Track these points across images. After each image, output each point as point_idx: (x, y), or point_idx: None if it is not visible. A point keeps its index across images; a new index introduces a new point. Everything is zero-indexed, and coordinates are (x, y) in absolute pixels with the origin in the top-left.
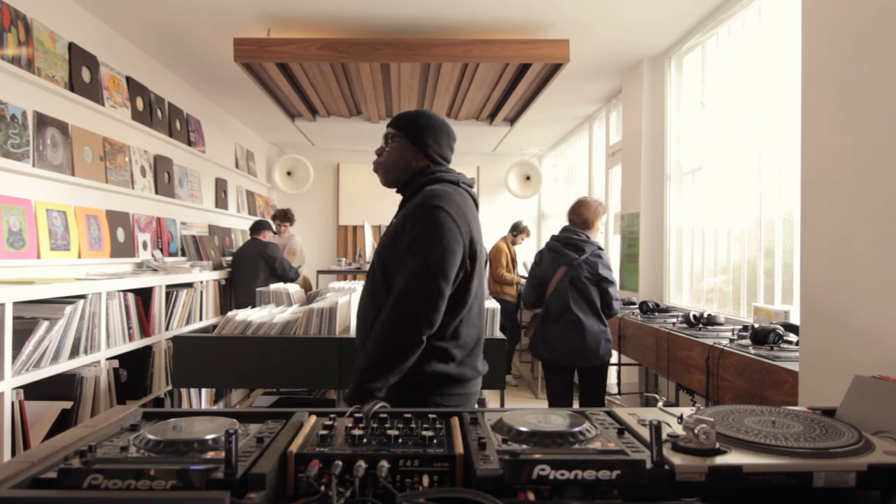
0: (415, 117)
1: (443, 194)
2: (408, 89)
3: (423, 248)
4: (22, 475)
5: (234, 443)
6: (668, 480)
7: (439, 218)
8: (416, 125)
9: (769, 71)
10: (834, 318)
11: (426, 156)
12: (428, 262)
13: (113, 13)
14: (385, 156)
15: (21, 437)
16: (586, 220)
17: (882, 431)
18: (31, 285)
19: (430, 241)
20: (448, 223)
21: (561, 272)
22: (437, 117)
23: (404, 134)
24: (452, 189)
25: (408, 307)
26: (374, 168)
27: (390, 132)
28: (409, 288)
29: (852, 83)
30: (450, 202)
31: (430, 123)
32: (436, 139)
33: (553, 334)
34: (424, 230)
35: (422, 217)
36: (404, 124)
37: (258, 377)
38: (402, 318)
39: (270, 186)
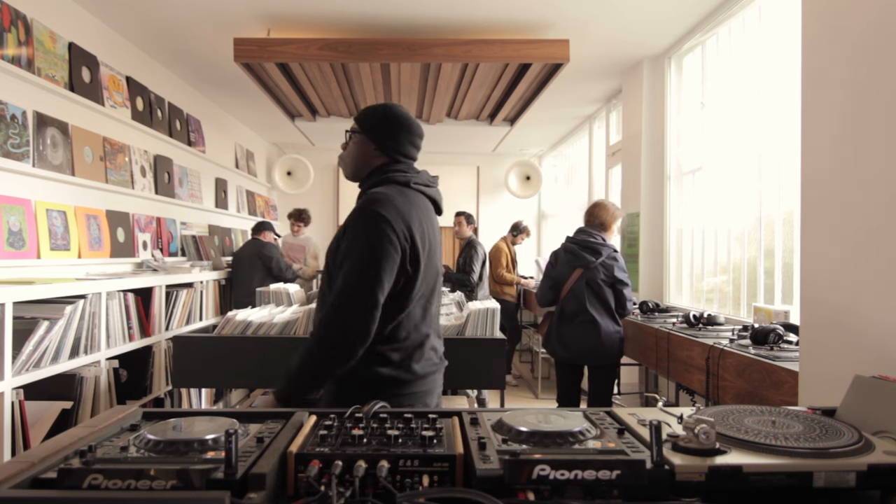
0: (375, 113)
1: (381, 198)
2: (408, 89)
3: (355, 256)
4: (22, 475)
5: (234, 443)
6: (668, 480)
7: (372, 223)
8: (375, 121)
9: (769, 71)
10: (834, 319)
11: (384, 153)
12: (360, 271)
13: (113, 13)
14: (346, 151)
15: (21, 437)
16: (603, 223)
17: (882, 431)
18: (31, 285)
19: (361, 249)
20: (381, 228)
21: (577, 273)
22: (399, 113)
23: (362, 130)
24: (396, 191)
25: (341, 319)
26: (338, 163)
27: (353, 127)
28: (342, 299)
29: (852, 83)
30: (386, 205)
31: (390, 120)
32: (394, 136)
33: (569, 333)
34: (357, 236)
35: (356, 223)
36: (363, 120)
37: (258, 377)
38: (335, 329)
39: (270, 186)
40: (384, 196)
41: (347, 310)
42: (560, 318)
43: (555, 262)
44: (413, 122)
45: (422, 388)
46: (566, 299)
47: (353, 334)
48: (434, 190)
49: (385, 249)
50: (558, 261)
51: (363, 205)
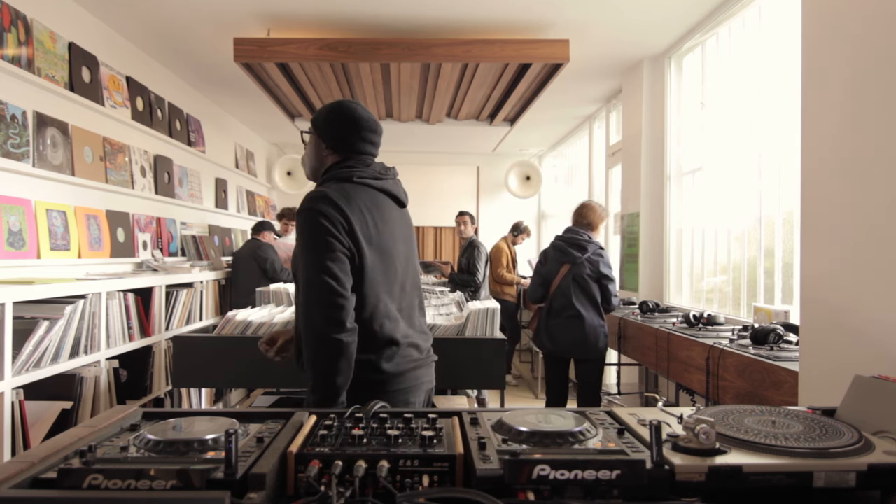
0: (323, 112)
1: (314, 195)
2: (408, 89)
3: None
4: (22, 475)
5: (234, 443)
6: (668, 480)
7: (306, 219)
8: (324, 120)
9: (769, 71)
10: (834, 319)
11: (335, 151)
12: (308, 266)
13: (113, 13)
14: (305, 154)
15: (21, 437)
16: (591, 223)
17: (882, 431)
18: (31, 285)
19: (303, 246)
20: (314, 220)
21: (565, 270)
22: (347, 109)
23: (314, 130)
24: (334, 187)
25: (310, 317)
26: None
27: (308, 128)
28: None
29: (852, 83)
30: (318, 201)
31: (338, 117)
32: (342, 134)
33: (556, 328)
34: (297, 237)
35: (299, 223)
36: (315, 120)
37: (258, 377)
38: (310, 329)
39: (270, 186)
40: (317, 193)
41: (311, 306)
42: (548, 314)
43: (544, 259)
44: (362, 118)
45: (398, 385)
46: (554, 295)
47: (324, 325)
48: (387, 182)
49: (322, 239)
50: (547, 258)
51: (300, 206)
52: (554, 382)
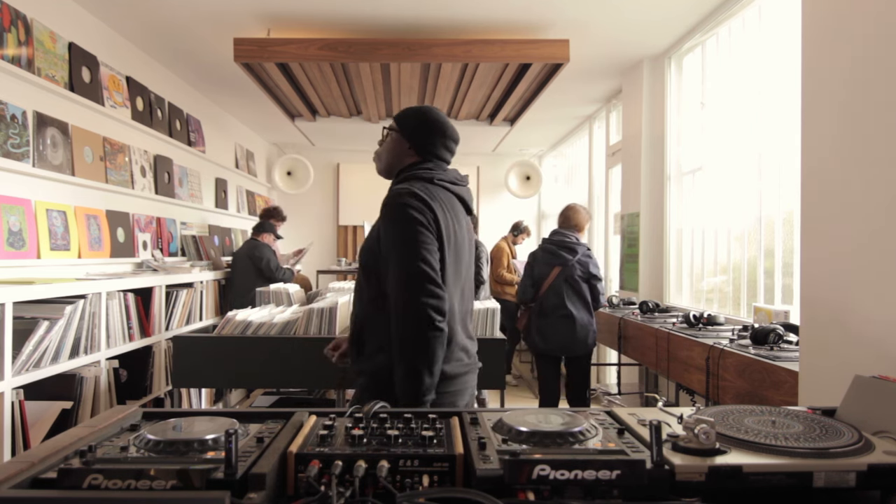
0: (412, 114)
1: (403, 191)
2: (408, 89)
3: (395, 246)
4: (22, 475)
5: (234, 443)
6: (668, 480)
7: (399, 211)
8: (411, 122)
9: (769, 71)
10: (834, 318)
11: (417, 153)
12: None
13: (113, 13)
14: (382, 147)
15: (21, 437)
16: (577, 225)
17: (882, 431)
18: (31, 285)
19: (396, 237)
20: (407, 213)
21: (556, 271)
22: (436, 117)
23: (399, 129)
24: (420, 185)
25: (410, 305)
26: (373, 157)
27: (391, 125)
28: (401, 286)
29: (852, 82)
30: (407, 196)
31: (427, 122)
32: (429, 138)
33: (548, 327)
34: (387, 229)
35: (385, 217)
36: (401, 119)
37: (258, 377)
38: (409, 318)
39: (270, 186)
40: (406, 189)
41: (410, 294)
42: (540, 313)
43: (533, 261)
44: (449, 127)
45: (451, 388)
46: (545, 295)
47: (427, 312)
48: (462, 188)
49: (416, 231)
50: (536, 260)
51: (387, 200)
52: (546, 381)
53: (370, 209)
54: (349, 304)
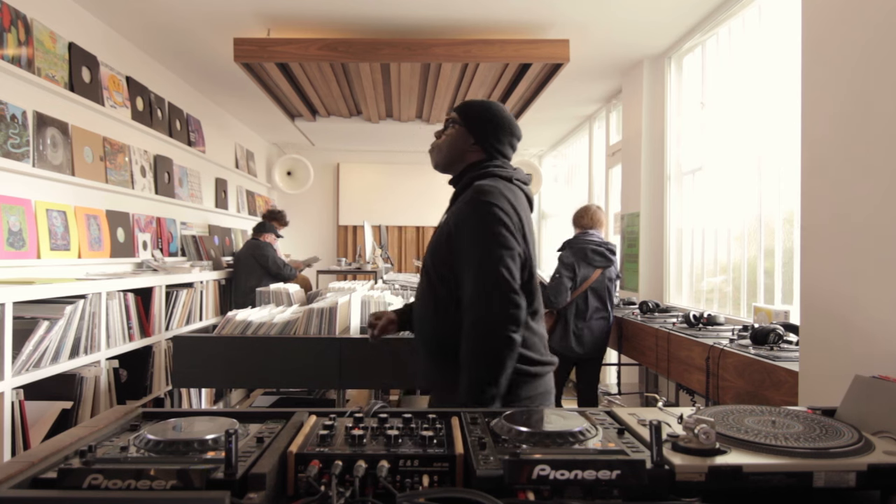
0: (478, 107)
1: (491, 189)
2: (408, 89)
3: (480, 247)
4: (22, 475)
5: (234, 443)
6: (668, 480)
7: (488, 213)
8: (477, 115)
9: (769, 71)
10: (834, 318)
11: (482, 149)
12: (486, 260)
13: (113, 13)
14: (442, 140)
15: (21, 437)
16: (603, 225)
17: (882, 431)
18: (31, 285)
19: (485, 240)
20: (498, 216)
21: (597, 273)
22: (502, 112)
23: (463, 122)
24: (503, 185)
25: (489, 312)
26: (429, 150)
27: (452, 117)
28: (480, 293)
29: (852, 83)
30: (498, 196)
31: (493, 117)
32: (495, 134)
33: (586, 329)
34: (474, 229)
35: (471, 216)
36: (465, 112)
37: (258, 377)
38: (485, 324)
39: (270, 186)
40: (494, 188)
41: (489, 301)
42: (577, 315)
43: (577, 262)
44: (516, 125)
45: (543, 388)
46: (584, 297)
47: (505, 321)
48: (529, 188)
49: (502, 235)
50: (584, 261)
51: (475, 197)
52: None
53: (370, 209)
54: (349, 304)
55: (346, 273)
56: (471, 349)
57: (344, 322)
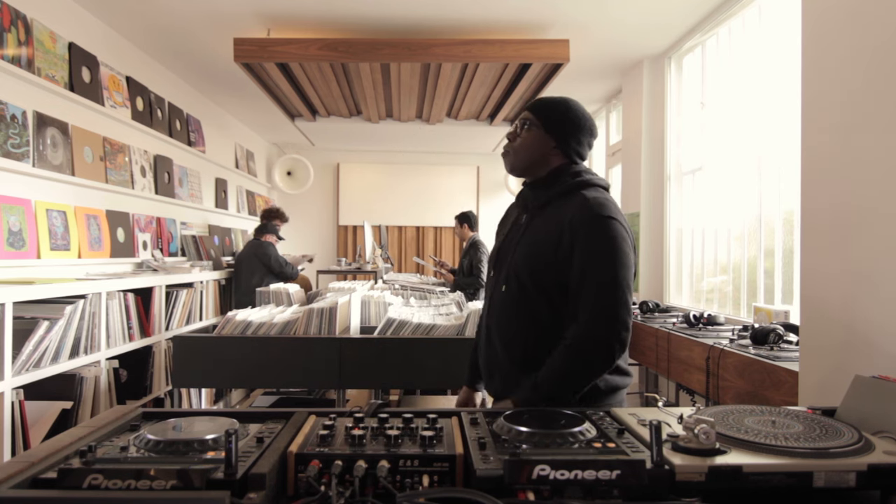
0: (557, 106)
1: (607, 203)
2: (408, 89)
3: (605, 264)
4: (22, 475)
5: (234, 443)
6: (668, 480)
7: (615, 230)
8: (558, 116)
9: (769, 71)
10: (834, 318)
11: (563, 152)
12: (615, 279)
13: (113, 13)
14: (519, 143)
15: (21, 437)
16: None
17: (882, 431)
18: (31, 285)
19: (611, 257)
20: (623, 234)
21: None
22: (582, 111)
23: (542, 123)
24: (608, 195)
25: (602, 331)
26: (503, 153)
27: (528, 118)
28: (601, 311)
29: (852, 83)
30: (617, 212)
31: (574, 117)
32: (576, 136)
33: None
34: (602, 245)
35: (596, 230)
36: (544, 112)
37: (258, 377)
38: (597, 343)
39: (270, 186)
40: (609, 201)
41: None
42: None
43: None
44: (594, 124)
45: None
46: None
47: (616, 346)
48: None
49: (627, 255)
50: None
51: (593, 211)
52: None
53: (370, 209)
54: (349, 304)
55: (346, 273)
56: (572, 361)
57: (344, 322)
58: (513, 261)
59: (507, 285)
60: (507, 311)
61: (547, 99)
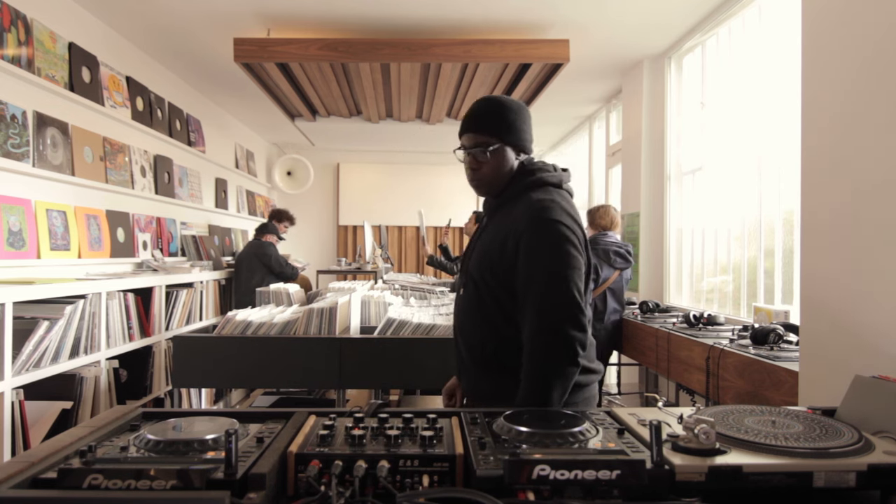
0: (500, 114)
1: (552, 206)
2: (408, 89)
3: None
4: (22, 475)
5: (234, 443)
6: (668, 480)
7: (558, 232)
8: (508, 124)
9: (769, 71)
10: (834, 319)
11: (519, 153)
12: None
13: (113, 13)
14: (487, 169)
15: (21, 437)
16: (618, 226)
17: (882, 431)
18: (31, 285)
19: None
20: (566, 234)
21: (616, 274)
22: (514, 102)
23: (501, 138)
24: (558, 195)
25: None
26: (473, 185)
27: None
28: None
29: (852, 83)
30: (561, 213)
31: (516, 115)
32: (526, 130)
33: (602, 331)
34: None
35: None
36: (496, 128)
37: (258, 377)
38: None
39: (270, 186)
40: (553, 203)
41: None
42: (595, 317)
43: (600, 264)
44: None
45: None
46: (601, 298)
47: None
48: (571, 185)
49: (571, 253)
50: (604, 264)
51: (537, 215)
52: None
53: (370, 209)
54: (349, 304)
55: (346, 273)
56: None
57: (344, 322)
58: (471, 266)
59: (465, 288)
60: (467, 313)
61: (483, 112)
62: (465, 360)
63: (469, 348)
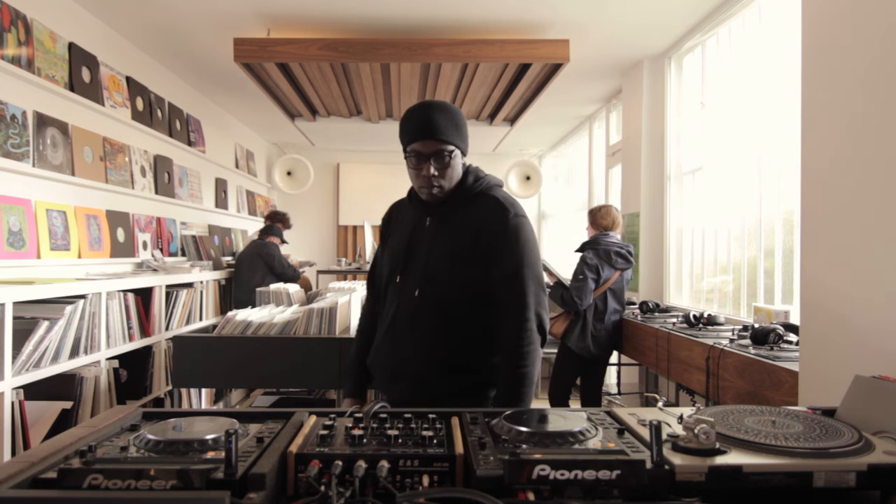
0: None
1: (515, 202)
2: (408, 89)
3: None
4: (22, 475)
5: (234, 443)
6: (668, 480)
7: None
8: (461, 130)
9: (769, 71)
10: (834, 319)
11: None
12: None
13: (113, 13)
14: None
15: (21, 437)
16: (620, 226)
17: (882, 431)
18: (31, 285)
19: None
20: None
21: (617, 275)
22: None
23: (458, 145)
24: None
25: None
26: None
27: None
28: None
29: (853, 82)
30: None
31: (461, 121)
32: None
33: (604, 331)
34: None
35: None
36: (457, 136)
37: (258, 377)
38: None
39: (270, 186)
40: (517, 202)
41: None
42: (596, 317)
43: (601, 264)
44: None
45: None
46: (602, 299)
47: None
48: None
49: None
50: (609, 263)
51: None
52: (567, 385)
53: (370, 209)
54: (349, 304)
55: (346, 273)
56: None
57: (344, 322)
58: (428, 266)
59: (421, 290)
60: (425, 316)
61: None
62: (416, 366)
63: (428, 352)
